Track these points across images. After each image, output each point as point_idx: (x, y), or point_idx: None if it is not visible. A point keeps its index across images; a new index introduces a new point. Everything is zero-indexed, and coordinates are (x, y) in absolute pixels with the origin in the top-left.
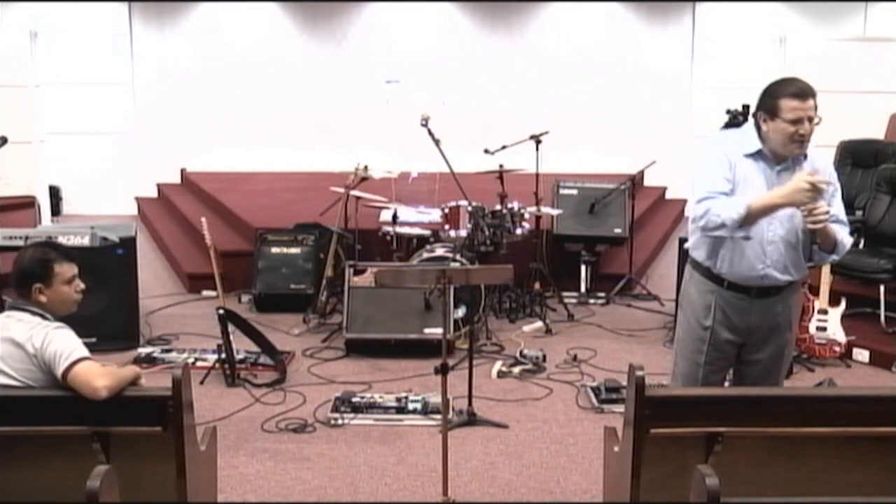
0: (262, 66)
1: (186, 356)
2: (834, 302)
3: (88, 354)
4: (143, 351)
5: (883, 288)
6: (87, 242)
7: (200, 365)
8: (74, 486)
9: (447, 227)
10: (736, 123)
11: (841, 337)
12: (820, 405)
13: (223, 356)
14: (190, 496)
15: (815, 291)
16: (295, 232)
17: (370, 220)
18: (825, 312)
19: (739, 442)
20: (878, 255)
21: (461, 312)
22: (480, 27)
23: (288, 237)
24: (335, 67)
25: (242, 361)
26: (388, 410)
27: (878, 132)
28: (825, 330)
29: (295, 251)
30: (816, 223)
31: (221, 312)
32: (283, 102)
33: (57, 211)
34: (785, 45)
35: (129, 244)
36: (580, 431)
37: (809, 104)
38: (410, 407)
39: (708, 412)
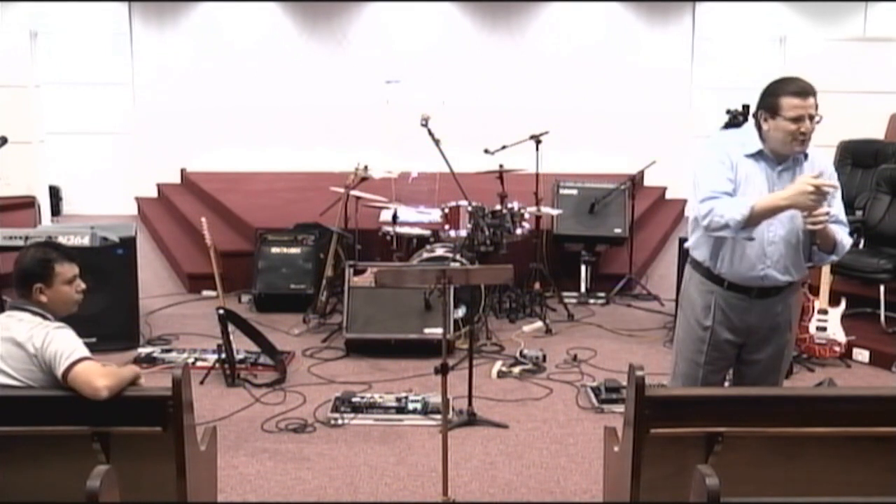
0: (262, 66)
1: (186, 356)
2: (834, 302)
3: (89, 354)
4: (143, 351)
5: (883, 288)
6: (87, 242)
7: (200, 365)
8: (74, 486)
9: (447, 227)
10: (736, 123)
11: (841, 337)
12: (820, 405)
13: (223, 356)
14: (190, 496)
15: (815, 291)
16: (295, 232)
17: (370, 220)
18: (825, 312)
19: (739, 442)
20: (878, 255)
21: (461, 312)
22: (480, 27)
23: (288, 237)
24: (335, 67)
25: (242, 361)
26: (388, 410)
27: (878, 132)
28: (825, 330)
29: (295, 251)
30: (816, 224)
31: (221, 312)
32: (283, 102)
33: (57, 211)
34: (785, 45)
35: (129, 244)
36: (580, 431)
37: (810, 102)
38: (410, 407)
39: (708, 412)
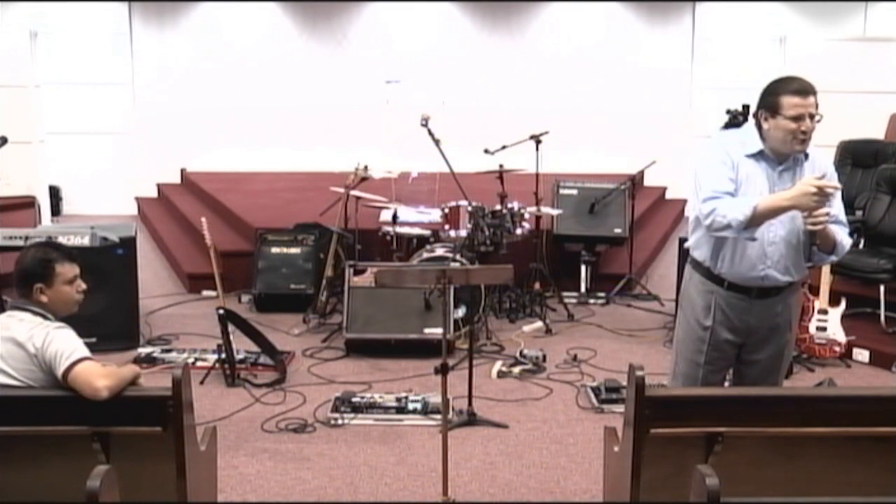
0: (262, 66)
1: (186, 356)
2: (834, 302)
3: (89, 354)
4: (143, 351)
5: (883, 288)
6: (87, 242)
7: (200, 365)
8: (74, 486)
9: (447, 227)
10: (736, 123)
11: (841, 337)
12: (820, 405)
13: (223, 356)
14: (190, 496)
15: (815, 291)
16: (295, 232)
17: (370, 220)
18: (825, 312)
19: (739, 442)
20: (878, 255)
21: (461, 312)
22: (480, 27)
23: (288, 237)
24: (335, 67)
25: (242, 361)
26: (388, 410)
27: (878, 132)
28: (825, 330)
29: (295, 251)
30: (816, 224)
31: (221, 312)
32: (283, 102)
33: (57, 211)
34: (785, 45)
35: (129, 244)
36: (580, 431)
37: (810, 101)
38: (410, 407)
39: (708, 412)
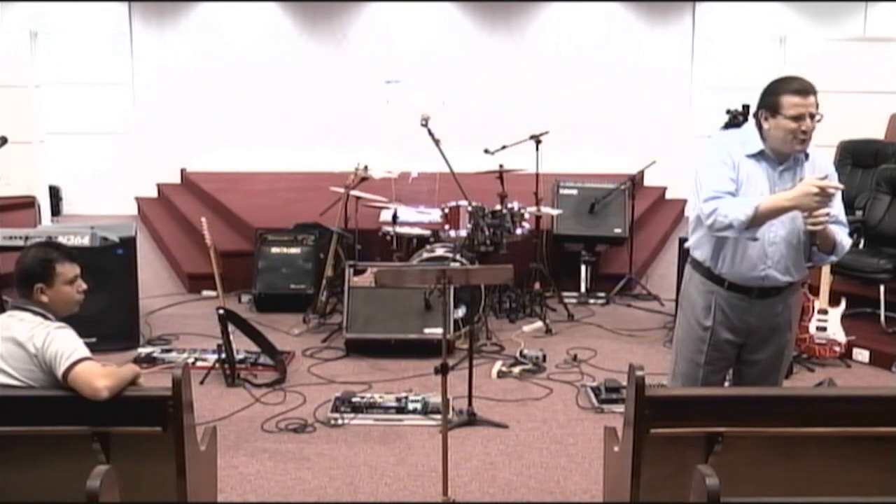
0: (262, 66)
1: (186, 356)
2: (834, 302)
3: (89, 355)
4: (143, 351)
5: (883, 288)
6: (87, 242)
7: (200, 365)
8: (74, 486)
9: (447, 227)
10: (736, 123)
11: (841, 337)
12: (820, 405)
13: (223, 356)
14: (190, 496)
15: (815, 291)
16: (295, 232)
17: (370, 220)
18: (825, 312)
19: (739, 442)
20: (878, 255)
21: (461, 312)
22: (480, 27)
23: (288, 237)
24: (335, 67)
25: (242, 361)
26: (388, 410)
27: (878, 132)
28: (825, 330)
29: (295, 251)
30: (817, 224)
31: (221, 312)
32: (283, 102)
33: (57, 211)
34: (785, 45)
35: (129, 244)
36: (580, 431)
37: (811, 101)
38: (410, 407)
39: (708, 412)
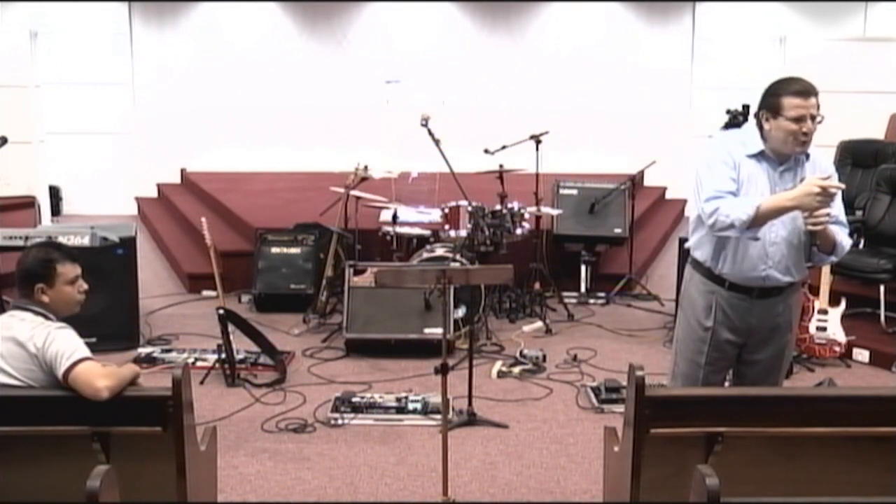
0: (262, 66)
1: (186, 356)
2: (834, 302)
3: (90, 355)
4: (143, 351)
5: (883, 288)
6: (87, 242)
7: (200, 365)
8: (74, 486)
9: (447, 227)
10: (736, 123)
11: (841, 337)
12: (820, 405)
13: (223, 356)
14: (190, 496)
15: (815, 291)
16: (295, 232)
17: (370, 220)
18: (825, 312)
19: (739, 442)
20: (878, 255)
21: (461, 312)
22: (480, 27)
23: (288, 237)
24: (335, 67)
25: (242, 361)
26: (388, 410)
27: (878, 132)
28: (825, 330)
29: (295, 251)
30: (817, 225)
31: (221, 312)
32: (283, 102)
33: (57, 211)
34: (785, 45)
35: (129, 244)
36: (580, 431)
37: (812, 102)
38: (410, 407)
39: (708, 412)
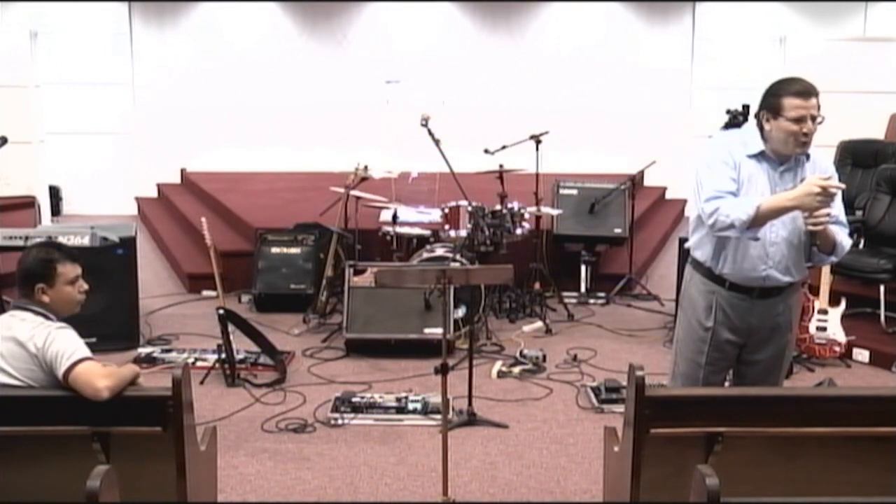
0: (262, 66)
1: (186, 356)
2: (834, 302)
3: (90, 355)
4: (143, 351)
5: (883, 288)
6: (87, 242)
7: (200, 365)
8: (74, 486)
9: (447, 227)
10: (736, 123)
11: (841, 337)
12: (820, 405)
13: (223, 356)
14: (190, 496)
15: (815, 291)
16: (295, 232)
17: (370, 220)
18: (825, 312)
19: (739, 442)
20: (878, 255)
21: (461, 312)
22: (480, 27)
23: (288, 237)
24: (335, 67)
25: (242, 361)
26: (388, 410)
27: (878, 132)
28: (825, 330)
29: (295, 251)
30: (817, 225)
31: (221, 312)
32: (283, 102)
33: (57, 211)
34: (785, 45)
35: (129, 244)
36: (580, 431)
37: (812, 103)
38: (410, 407)
39: (708, 412)
